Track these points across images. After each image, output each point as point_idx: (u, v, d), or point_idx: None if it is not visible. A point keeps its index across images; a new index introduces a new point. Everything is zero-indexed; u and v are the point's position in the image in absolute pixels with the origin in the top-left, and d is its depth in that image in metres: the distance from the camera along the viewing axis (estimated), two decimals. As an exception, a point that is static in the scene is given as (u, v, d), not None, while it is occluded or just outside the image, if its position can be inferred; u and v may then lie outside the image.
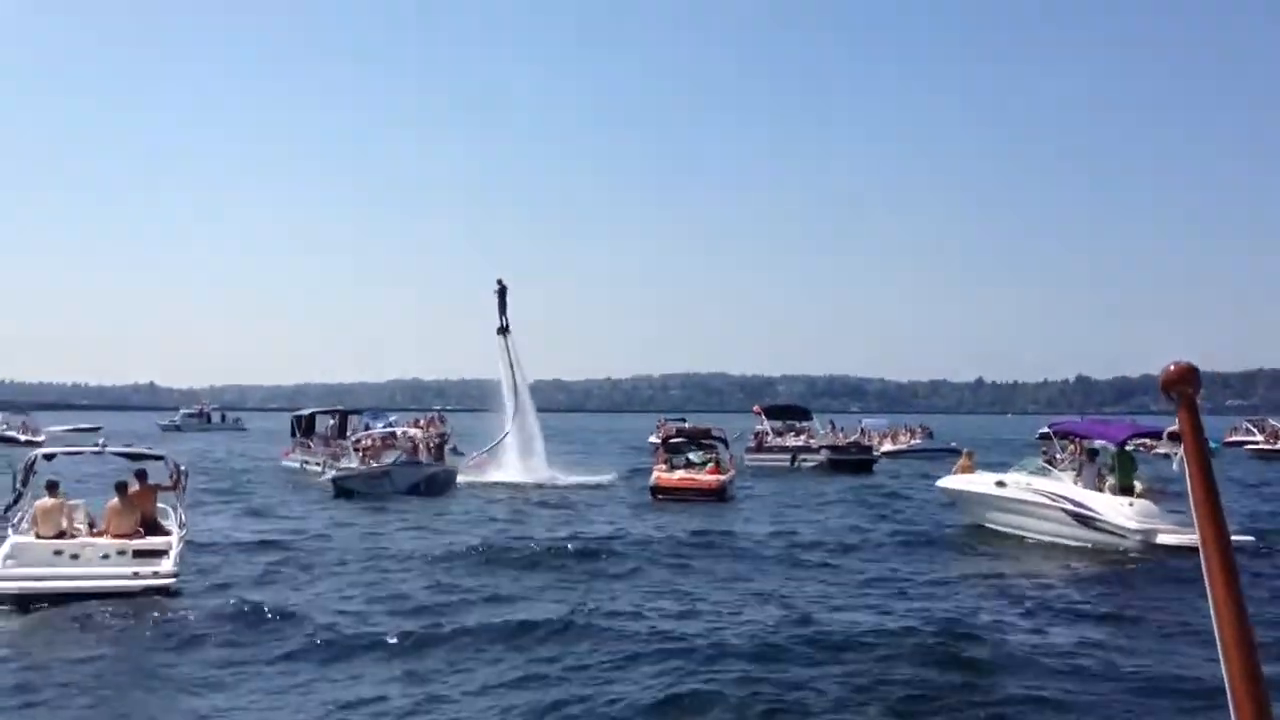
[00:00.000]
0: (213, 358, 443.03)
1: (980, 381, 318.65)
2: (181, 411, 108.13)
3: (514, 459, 37.60)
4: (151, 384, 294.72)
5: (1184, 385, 1.98)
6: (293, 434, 42.95)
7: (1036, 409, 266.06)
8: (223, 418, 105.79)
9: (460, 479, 34.17)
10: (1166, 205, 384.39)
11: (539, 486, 33.76)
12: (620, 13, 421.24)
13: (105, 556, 14.32)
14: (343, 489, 29.90)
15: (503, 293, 40.03)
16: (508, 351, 39.74)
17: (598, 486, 34.43)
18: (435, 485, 31.75)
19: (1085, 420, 23.86)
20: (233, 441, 72.85)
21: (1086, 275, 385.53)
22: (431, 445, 35.30)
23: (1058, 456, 22.53)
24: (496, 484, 34.14)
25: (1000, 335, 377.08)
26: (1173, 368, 2.00)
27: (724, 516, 25.70)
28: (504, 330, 39.94)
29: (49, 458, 16.35)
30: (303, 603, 14.39)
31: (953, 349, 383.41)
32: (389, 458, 32.60)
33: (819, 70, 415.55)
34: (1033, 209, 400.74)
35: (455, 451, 38.22)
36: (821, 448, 44.13)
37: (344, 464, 32.84)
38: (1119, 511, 19.32)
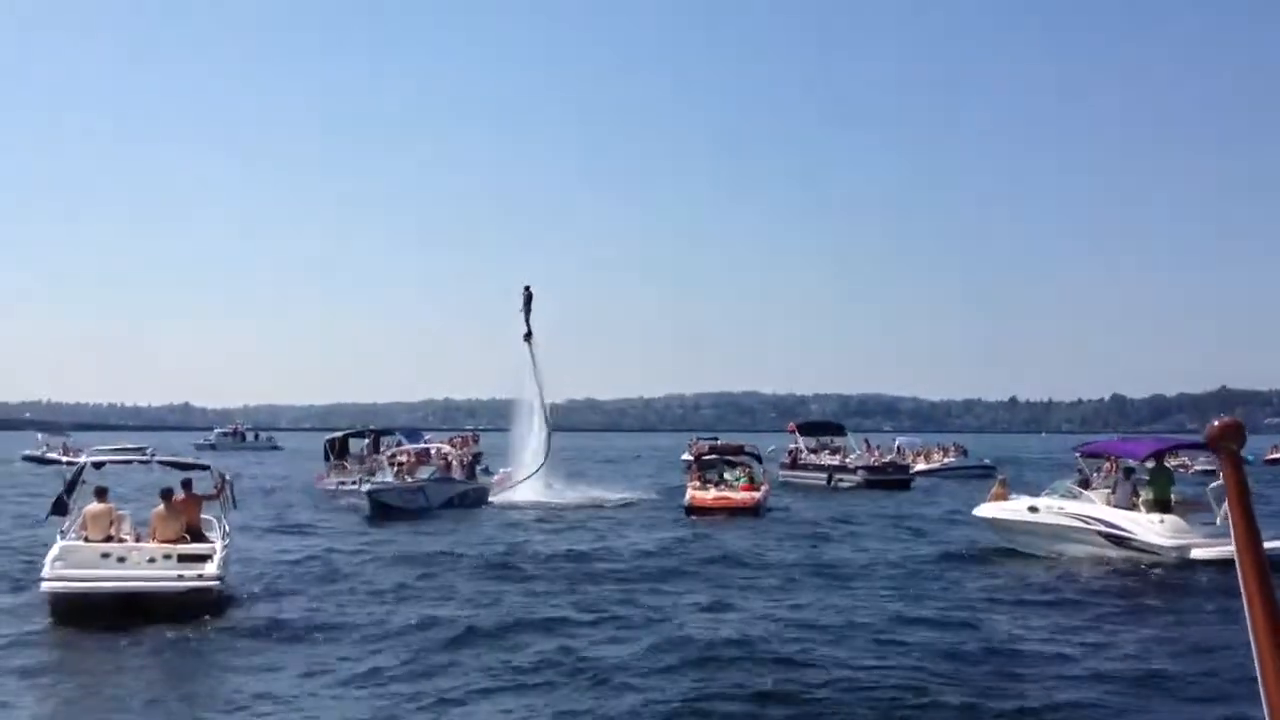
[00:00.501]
0: (246, 378, 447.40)
1: (1014, 400, 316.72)
2: (216, 431, 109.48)
3: (531, 476, 37.77)
4: (186, 404, 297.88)
5: (1229, 441, 1.98)
6: (326, 457, 42.94)
7: (1071, 428, 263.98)
8: (255, 436, 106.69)
9: (491, 497, 34.48)
10: (1200, 221, 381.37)
11: (573, 506, 33.82)
12: (669, 29, 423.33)
13: (151, 560, 14.63)
14: (378, 502, 30.09)
15: (529, 300, 40.50)
16: (532, 358, 40.18)
17: (624, 504, 34.44)
18: (468, 502, 32.17)
19: (1113, 440, 23.89)
20: (267, 461, 73.46)
21: (1121, 293, 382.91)
22: (464, 463, 35.63)
23: (1092, 476, 22.52)
24: (523, 502, 34.25)
25: (1034, 353, 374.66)
26: (1217, 423, 2.00)
27: (758, 533, 25.65)
28: (529, 336, 40.38)
29: (98, 466, 16.82)
30: (338, 612, 14.66)
31: (987, 367, 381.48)
32: (423, 473, 32.98)
33: (854, 93, 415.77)
34: (1066, 226, 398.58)
35: (485, 471, 38.42)
36: (858, 468, 43.69)
37: (379, 478, 33.04)
38: (1151, 529, 19.29)
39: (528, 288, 40.59)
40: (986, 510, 23.77)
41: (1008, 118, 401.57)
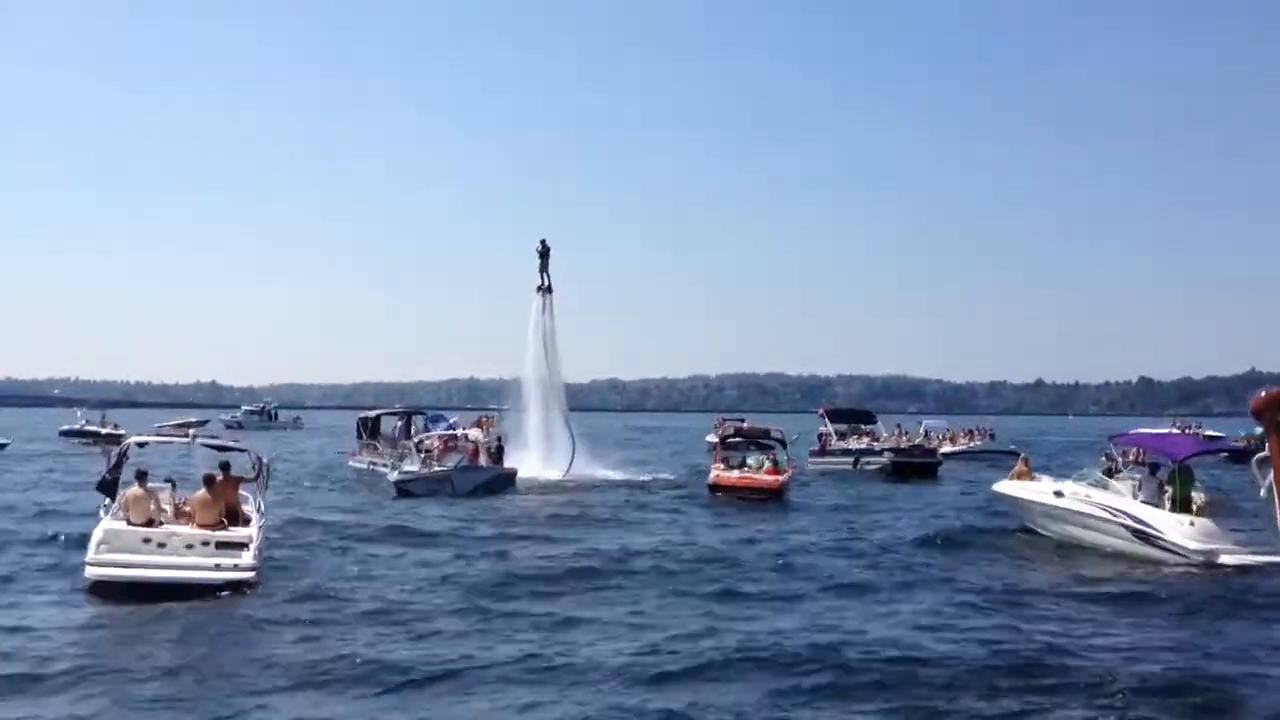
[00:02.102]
0: (272, 357, 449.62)
1: (1040, 382, 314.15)
2: (244, 409, 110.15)
3: (537, 455, 38.13)
4: (213, 382, 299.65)
5: (1274, 411, 1.99)
6: (359, 435, 43.45)
7: (1098, 410, 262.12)
8: (276, 416, 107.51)
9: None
10: (1231, 203, 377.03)
11: (591, 485, 34.16)
12: (696, 17, 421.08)
13: (190, 546, 15.04)
14: (405, 491, 30.39)
15: (545, 253, 41.24)
16: (545, 310, 40.61)
17: (642, 485, 34.54)
18: (495, 488, 32.13)
19: (1151, 433, 23.33)
20: (295, 439, 74.12)
21: (1149, 275, 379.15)
22: (491, 448, 35.67)
23: (1120, 463, 22.20)
24: (550, 483, 34.50)
25: (1061, 335, 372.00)
26: (1263, 394, 2.03)
27: (781, 516, 25.78)
28: (545, 289, 40.94)
29: (141, 445, 17.19)
30: (371, 598, 14.89)
31: (1012, 349, 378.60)
32: (451, 460, 33.12)
33: (882, 73, 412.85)
34: (1094, 208, 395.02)
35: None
36: (885, 450, 43.67)
37: (406, 466, 33.26)
38: (1180, 531, 18.89)
39: (543, 240, 41.38)
40: (1008, 487, 23.55)
41: (1031, 96, 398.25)
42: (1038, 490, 22.43)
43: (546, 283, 41.18)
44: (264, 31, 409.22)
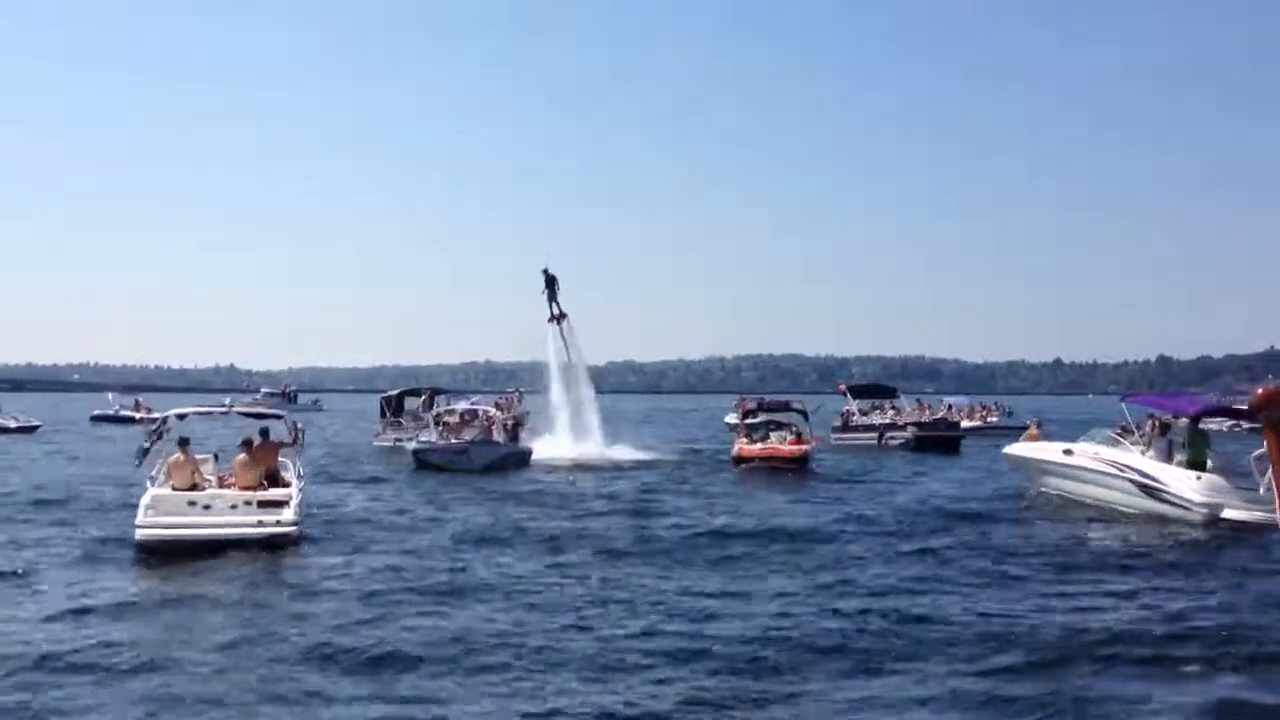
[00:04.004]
0: (290, 341, 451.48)
1: (1058, 361, 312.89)
2: (264, 391, 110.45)
3: (565, 436, 38.35)
4: (232, 366, 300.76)
5: (1272, 408, 1.99)
6: (382, 414, 43.96)
7: (1116, 389, 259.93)
8: (295, 398, 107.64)
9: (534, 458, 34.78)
10: (1249, 179, 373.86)
11: (604, 464, 34.41)
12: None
13: (233, 506, 15.79)
14: (423, 461, 30.79)
15: (551, 282, 40.57)
16: (563, 338, 40.45)
17: (654, 463, 34.92)
18: (510, 464, 32.26)
19: (1162, 394, 23.70)
20: (317, 421, 74.31)
21: (1168, 252, 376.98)
22: (508, 425, 36.16)
23: (1133, 428, 22.36)
24: (565, 463, 34.63)
25: (1079, 314, 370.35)
26: (1260, 391, 2.03)
27: (803, 490, 26.15)
28: (556, 319, 40.67)
29: (181, 417, 17.96)
30: (406, 559, 15.47)
31: (1030, 328, 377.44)
32: (468, 434, 33.48)
33: (897, 55, 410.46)
34: (1111, 183, 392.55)
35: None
36: (908, 424, 43.80)
37: (423, 437, 33.49)
38: (1186, 484, 19.15)
39: (546, 270, 40.58)
40: (1019, 449, 23.81)
41: (1046, 74, 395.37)
42: (1048, 449, 22.71)
43: (557, 311, 40.67)
44: (275, 20, 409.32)
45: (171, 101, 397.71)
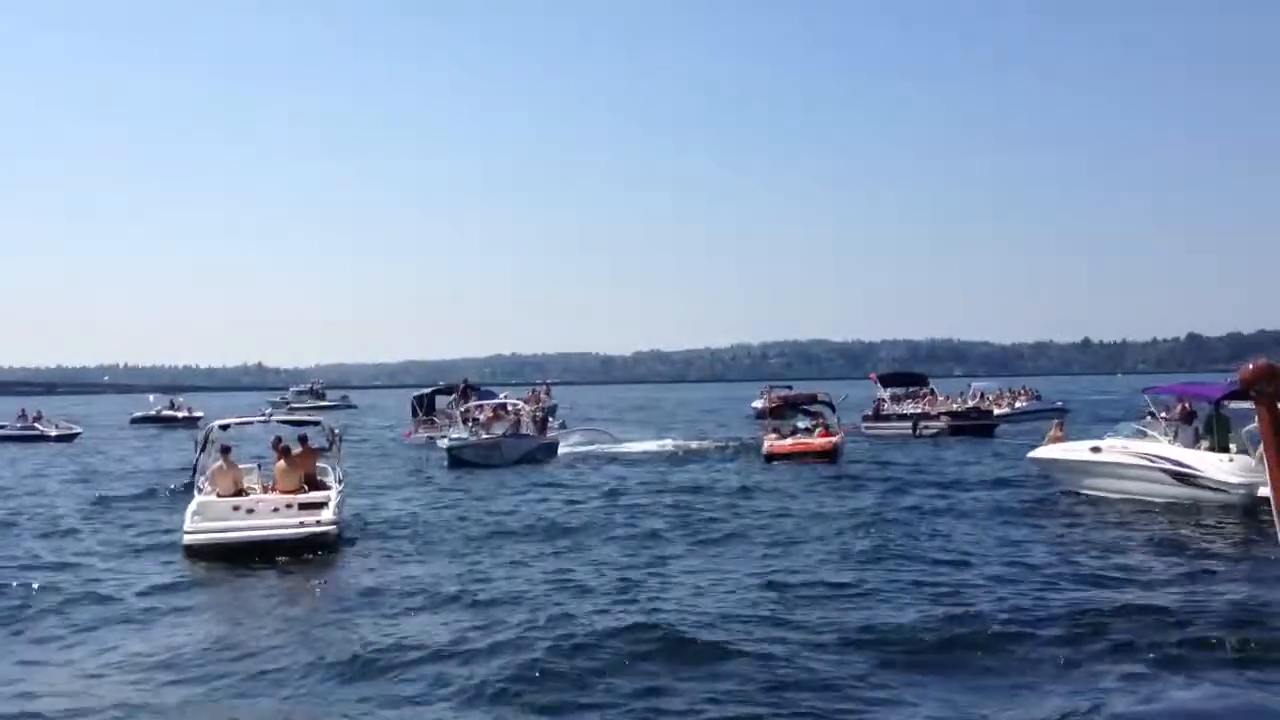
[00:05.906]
0: (318, 338, 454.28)
1: (1087, 341, 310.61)
2: (293, 389, 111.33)
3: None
4: (260, 364, 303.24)
5: (1263, 384, 1.94)
6: (414, 414, 44.36)
7: (1146, 368, 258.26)
8: (324, 395, 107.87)
9: (561, 450, 35.48)
10: (1275, 153, 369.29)
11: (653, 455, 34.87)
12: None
13: (275, 510, 16.38)
14: (456, 458, 31.22)
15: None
16: None
17: (659, 452, 35.25)
18: (540, 456, 33.24)
19: (1183, 384, 23.45)
20: (348, 419, 74.66)
21: (1197, 228, 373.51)
22: (536, 418, 36.90)
23: (1159, 417, 22.16)
24: (590, 454, 35.20)
25: (1108, 292, 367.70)
26: (1251, 366, 1.97)
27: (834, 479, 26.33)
28: None
29: (224, 428, 18.34)
30: (445, 560, 15.84)
31: (1058, 308, 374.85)
32: (499, 429, 34.08)
33: (919, 40, 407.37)
34: (1139, 161, 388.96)
35: (562, 425, 39.60)
36: (941, 414, 43.52)
37: (454, 434, 34.08)
38: (1219, 468, 19.17)
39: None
40: (1045, 452, 23.41)
41: (1073, 54, 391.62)
42: (1074, 450, 22.34)
43: None
44: (303, 15, 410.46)
45: (203, 98, 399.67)
